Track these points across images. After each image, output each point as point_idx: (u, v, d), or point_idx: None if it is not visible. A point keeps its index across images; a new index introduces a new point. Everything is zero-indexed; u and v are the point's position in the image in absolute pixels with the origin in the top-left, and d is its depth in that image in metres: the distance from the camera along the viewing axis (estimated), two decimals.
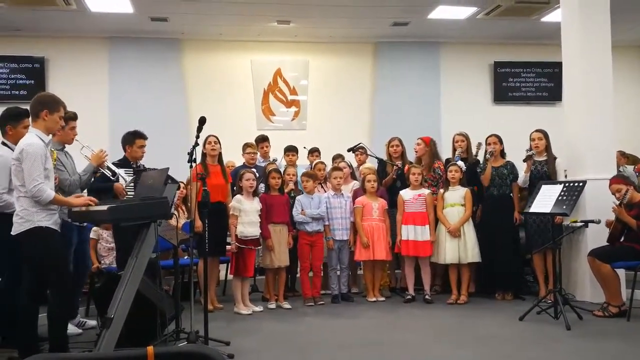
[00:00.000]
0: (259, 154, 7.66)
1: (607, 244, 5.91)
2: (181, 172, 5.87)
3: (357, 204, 6.82)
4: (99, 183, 5.43)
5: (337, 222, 6.77)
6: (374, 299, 6.71)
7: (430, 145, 7.18)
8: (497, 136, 6.86)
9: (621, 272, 5.93)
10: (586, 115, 6.63)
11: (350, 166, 7.51)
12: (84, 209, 4.31)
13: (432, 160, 7.12)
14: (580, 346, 4.72)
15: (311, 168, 7.48)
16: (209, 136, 6.44)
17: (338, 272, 6.78)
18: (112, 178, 5.17)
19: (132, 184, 5.41)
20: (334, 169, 7.05)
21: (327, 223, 6.74)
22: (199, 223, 5.88)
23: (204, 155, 6.45)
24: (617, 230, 5.83)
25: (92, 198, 4.46)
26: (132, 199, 4.86)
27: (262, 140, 7.86)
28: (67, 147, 5.31)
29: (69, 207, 4.41)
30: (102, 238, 6.55)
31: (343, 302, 6.68)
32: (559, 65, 7.12)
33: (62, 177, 4.93)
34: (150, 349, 1.83)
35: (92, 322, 5.49)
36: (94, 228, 6.45)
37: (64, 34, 9.86)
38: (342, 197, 6.85)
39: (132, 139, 5.79)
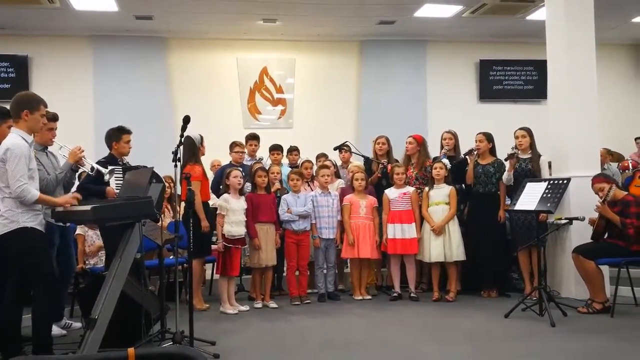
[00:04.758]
0: (246, 152, 7.62)
1: (591, 240, 5.96)
2: (167, 172, 5.84)
3: (345, 202, 6.82)
4: (89, 185, 5.36)
5: (324, 220, 6.76)
6: (360, 297, 6.72)
7: (422, 144, 7.19)
8: (485, 134, 6.86)
9: (605, 269, 5.98)
10: (570, 112, 6.67)
11: (335, 165, 7.50)
12: (68, 207, 4.27)
13: (424, 159, 7.12)
14: (564, 342, 4.76)
15: (297, 167, 7.46)
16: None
17: (324, 271, 6.77)
18: (91, 174, 5.09)
19: (120, 180, 5.35)
20: (322, 167, 7.04)
21: (313, 221, 6.74)
22: (206, 223, 6.01)
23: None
24: (600, 227, 5.87)
25: (76, 194, 4.42)
26: (116, 199, 4.82)
27: (252, 138, 7.81)
28: (50, 148, 5.26)
29: (54, 206, 4.37)
30: (88, 235, 6.49)
31: (329, 300, 6.67)
32: (544, 63, 7.16)
33: (39, 177, 4.86)
34: (131, 350, 1.82)
35: (78, 324, 5.45)
36: (80, 225, 6.38)
37: (47, 32, 9.79)
38: (329, 195, 6.84)
39: (119, 134, 5.70)
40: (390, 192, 6.78)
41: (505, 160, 6.61)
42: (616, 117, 11.02)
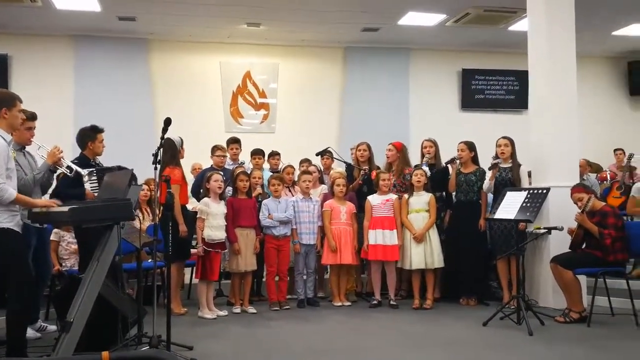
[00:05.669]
0: (228, 156, 7.59)
1: (570, 250, 6.00)
2: (149, 174, 5.77)
3: (326, 208, 6.81)
4: (68, 188, 5.27)
5: (305, 226, 6.74)
6: (339, 304, 6.70)
7: (401, 151, 7.21)
8: (467, 143, 6.88)
9: (582, 279, 6.02)
10: (551, 123, 6.73)
11: (320, 170, 7.50)
12: (44, 209, 4.21)
13: (403, 166, 7.14)
14: (541, 351, 4.77)
15: (278, 172, 7.44)
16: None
17: (304, 277, 6.75)
18: (70, 175, 5.02)
19: (95, 182, 5.27)
20: (304, 172, 7.03)
21: (294, 227, 6.72)
22: (183, 227, 5.99)
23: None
24: (579, 237, 5.91)
25: (55, 200, 4.37)
26: (94, 201, 4.76)
27: (234, 142, 7.78)
28: (28, 148, 5.18)
29: (30, 207, 4.31)
30: (64, 240, 6.41)
31: (309, 306, 6.65)
32: (525, 73, 7.22)
33: (17, 177, 4.79)
34: (105, 353, 1.79)
35: (53, 327, 5.37)
36: (55, 230, 6.31)
37: (28, 31, 9.70)
38: (310, 201, 6.83)
39: (94, 134, 5.56)
40: (373, 199, 6.78)
41: (489, 169, 6.65)
42: (596, 128, 11.16)
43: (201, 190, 6.54)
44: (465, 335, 5.31)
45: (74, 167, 5.03)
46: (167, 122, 4.64)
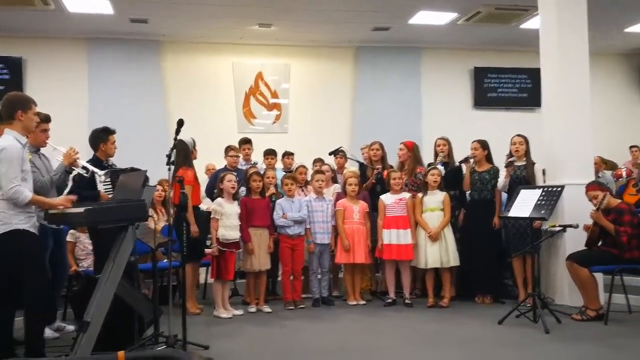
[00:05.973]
0: (241, 156, 7.61)
1: (585, 248, 5.96)
2: (162, 175, 5.80)
3: (338, 207, 6.81)
4: (81, 190, 5.30)
5: (319, 225, 6.75)
6: (354, 303, 6.70)
7: (412, 150, 7.19)
8: (481, 142, 6.86)
9: (599, 276, 5.98)
10: (564, 120, 6.70)
11: (333, 170, 7.50)
12: (61, 209, 4.24)
13: (415, 165, 7.12)
14: (558, 350, 4.75)
15: (291, 171, 7.45)
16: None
17: (319, 276, 6.76)
18: (86, 175, 5.05)
19: (109, 183, 5.29)
20: (317, 172, 7.04)
21: (308, 226, 6.72)
22: (195, 228, 5.98)
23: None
24: (595, 234, 5.87)
25: (71, 197, 4.38)
26: (109, 202, 4.79)
27: (245, 142, 7.84)
28: (43, 150, 5.22)
29: (47, 208, 4.34)
30: (80, 241, 6.46)
31: (324, 305, 6.66)
32: (538, 71, 7.18)
33: (34, 179, 4.83)
34: (121, 353, 1.80)
35: (71, 327, 5.40)
36: (71, 231, 6.35)
37: (41, 34, 9.76)
38: (323, 200, 6.84)
39: (106, 135, 5.57)
40: (387, 198, 6.77)
41: (505, 167, 6.61)
42: (610, 125, 11.07)
43: (215, 191, 6.57)
44: (481, 334, 5.30)
45: (90, 167, 5.06)
46: (180, 123, 4.67)
